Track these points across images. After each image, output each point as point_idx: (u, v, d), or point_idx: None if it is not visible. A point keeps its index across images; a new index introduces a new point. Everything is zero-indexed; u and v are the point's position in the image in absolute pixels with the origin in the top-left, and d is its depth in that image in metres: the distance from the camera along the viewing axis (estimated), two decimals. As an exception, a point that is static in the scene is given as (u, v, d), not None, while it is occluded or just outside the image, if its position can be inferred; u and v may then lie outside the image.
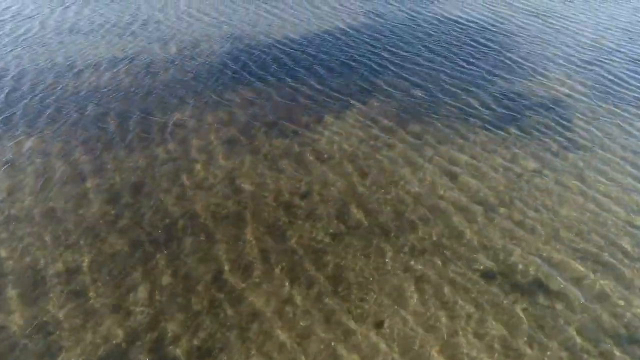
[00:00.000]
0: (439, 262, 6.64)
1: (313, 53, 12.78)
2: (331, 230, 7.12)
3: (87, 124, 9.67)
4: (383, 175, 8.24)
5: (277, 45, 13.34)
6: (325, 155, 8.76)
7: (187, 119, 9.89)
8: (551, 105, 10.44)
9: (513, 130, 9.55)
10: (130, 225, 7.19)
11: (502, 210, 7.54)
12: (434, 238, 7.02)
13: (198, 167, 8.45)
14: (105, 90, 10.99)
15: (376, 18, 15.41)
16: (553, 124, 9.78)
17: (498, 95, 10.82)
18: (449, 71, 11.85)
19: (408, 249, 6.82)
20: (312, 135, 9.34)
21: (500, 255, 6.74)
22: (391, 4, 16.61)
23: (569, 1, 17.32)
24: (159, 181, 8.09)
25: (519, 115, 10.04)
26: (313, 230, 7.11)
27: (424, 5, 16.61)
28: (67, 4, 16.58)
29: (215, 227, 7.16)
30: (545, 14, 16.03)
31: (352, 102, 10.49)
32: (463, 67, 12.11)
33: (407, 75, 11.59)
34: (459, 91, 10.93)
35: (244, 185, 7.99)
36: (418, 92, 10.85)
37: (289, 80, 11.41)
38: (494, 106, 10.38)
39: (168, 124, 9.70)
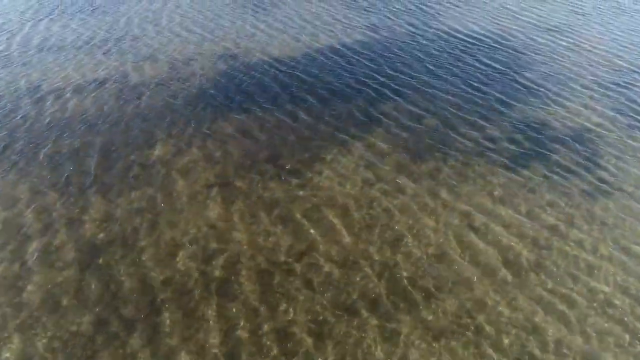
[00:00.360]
0: (459, 348, 5.45)
1: (305, 76, 11.57)
2: (327, 306, 5.91)
3: (41, 165, 8.45)
4: (388, 231, 7.05)
5: (266, 66, 12.14)
6: (322, 205, 7.55)
7: (162, 158, 8.68)
8: (571, 140, 9.26)
9: (532, 172, 8.36)
10: (77, 306, 5.97)
11: (525, 279, 6.34)
12: (449, 317, 5.83)
13: (170, 221, 7.23)
14: (69, 121, 9.77)
15: (373, 34, 14.22)
16: (575, 163, 8.60)
17: (513, 127, 9.63)
18: (456, 98, 10.65)
19: (421, 331, 5.63)
20: (306, 179, 8.13)
21: (527, 342, 5.55)
22: (390, 18, 15.42)
23: (580, 14, 16.16)
24: (120, 242, 6.88)
25: (537, 153, 8.85)
26: (306, 310, 5.89)
27: (424, 20, 15.42)
28: (40, 18, 15.34)
29: (184, 306, 5.95)
30: (555, 28, 14.87)
31: (350, 136, 9.28)
32: (471, 92, 10.92)
33: (410, 104, 10.39)
34: (468, 123, 9.74)
35: (225, 246, 6.78)
36: (424, 124, 9.65)
37: (278, 109, 10.20)
38: (509, 141, 9.18)
39: (138, 165, 8.48)
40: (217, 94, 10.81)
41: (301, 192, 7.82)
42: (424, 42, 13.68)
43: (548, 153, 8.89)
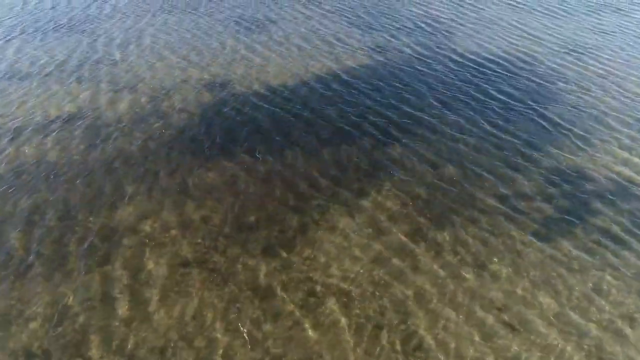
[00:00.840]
0: None
1: (298, 111, 10.12)
2: None
3: (-20, 234, 7.01)
4: (401, 334, 5.61)
5: (256, 98, 10.68)
6: (317, 292, 6.11)
7: (127, 222, 7.23)
8: (615, 197, 7.81)
9: (572, 243, 6.91)
10: None
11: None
12: None
13: (131, 319, 5.79)
14: (22, 172, 8.32)
15: (376, 57, 12.78)
16: (623, 229, 7.15)
17: (543, 179, 8.18)
18: (473, 140, 9.19)
19: None
20: (297, 253, 6.69)
21: None
22: (394, 38, 13.98)
23: (603, 34, 14.71)
24: (62, 353, 5.43)
25: (575, 216, 7.40)
26: None
27: (433, 40, 13.98)
28: (10, 38, 13.90)
29: None
30: (578, 50, 13.42)
31: (352, 193, 7.82)
32: (490, 132, 9.46)
33: (421, 148, 8.93)
34: (491, 174, 8.28)
35: (197, 356, 5.34)
36: (439, 176, 8.19)
37: (267, 155, 8.75)
38: (541, 199, 7.73)
39: (97, 233, 7.03)
40: (198, 134, 9.36)
41: (293, 274, 6.37)
42: (433, 67, 12.24)
43: (589, 216, 7.43)
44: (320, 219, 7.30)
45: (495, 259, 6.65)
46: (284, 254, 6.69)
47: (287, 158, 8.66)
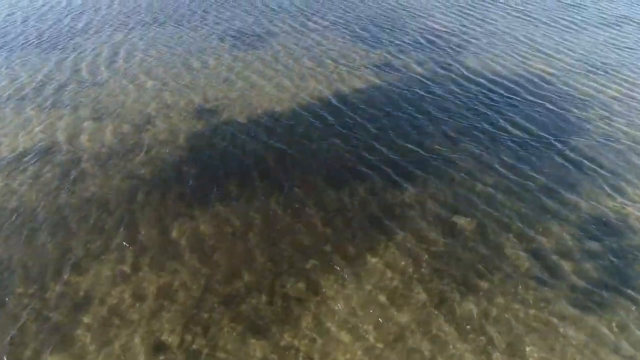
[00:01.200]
0: None
1: (283, 148, 8.89)
2: None
3: None
4: None
5: (235, 130, 9.45)
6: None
7: (70, 296, 6.00)
8: (654, 262, 6.61)
9: (607, 325, 5.70)
10: None
11: None
12: None
13: None
14: (-45, 226, 7.08)
15: (376, 79, 11.56)
16: (668, 308, 5.94)
17: (571, 236, 6.95)
18: (486, 187, 7.93)
19: None
20: (273, 344, 5.45)
21: None
22: (394, 57, 12.77)
23: (621, 50, 13.54)
24: None
25: (608, 287, 6.18)
26: None
27: (438, 59, 12.77)
28: (-29, 55, 12.67)
29: None
30: (596, 70, 12.21)
31: (342, 260, 6.57)
32: (507, 176, 8.21)
33: (428, 196, 7.68)
34: (512, 231, 7.02)
35: None
36: (450, 234, 6.94)
37: (247, 203, 7.52)
38: (567, 264, 6.50)
39: (33, 310, 5.79)
40: (168, 176, 8.13)
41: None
42: (437, 92, 11.03)
43: (625, 287, 6.20)
44: (307, 291, 6.07)
45: (521, 342, 5.42)
46: (262, 341, 5.45)
47: (269, 207, 7.42)
